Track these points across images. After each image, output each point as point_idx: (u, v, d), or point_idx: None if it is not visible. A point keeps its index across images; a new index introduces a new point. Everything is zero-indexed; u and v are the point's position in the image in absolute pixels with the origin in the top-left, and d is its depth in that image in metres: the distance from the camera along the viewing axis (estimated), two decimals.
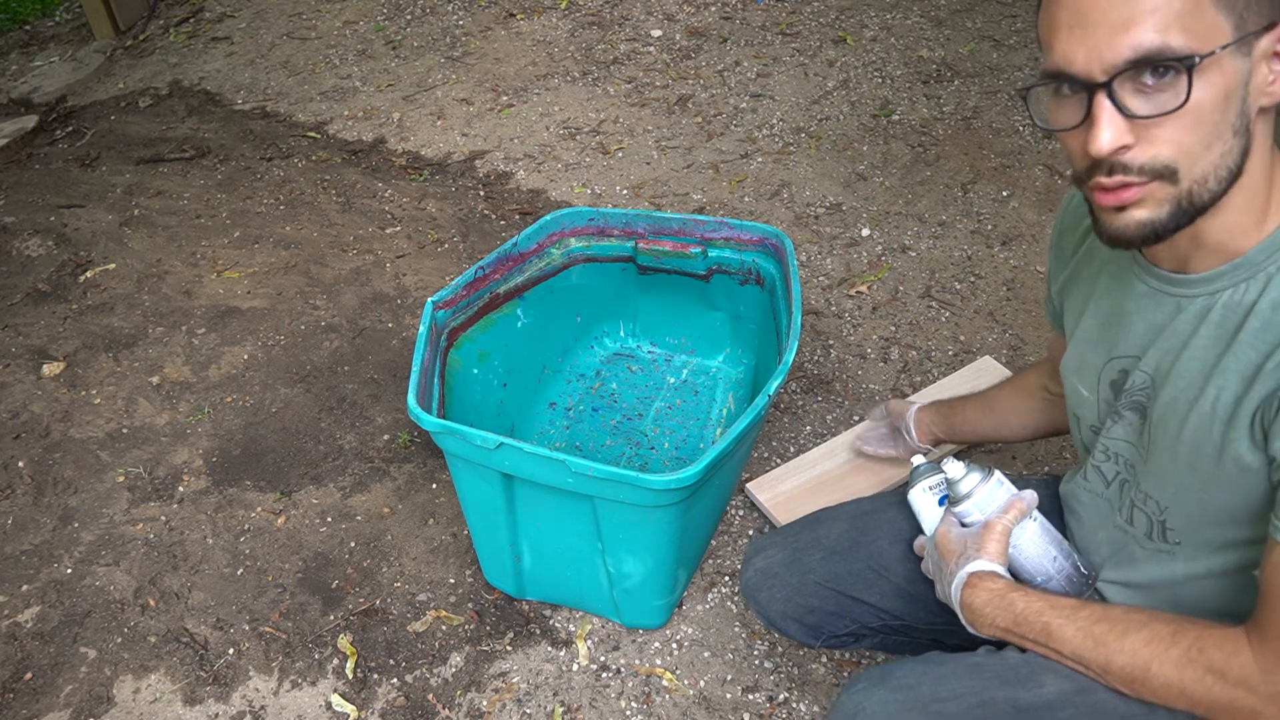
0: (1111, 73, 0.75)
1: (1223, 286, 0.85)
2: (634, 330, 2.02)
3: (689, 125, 2.90)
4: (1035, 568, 1.06)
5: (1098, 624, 0.91)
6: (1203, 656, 0.84)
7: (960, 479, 1.08)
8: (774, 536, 1.33)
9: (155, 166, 2.93)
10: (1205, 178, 0.78)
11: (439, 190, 2.73)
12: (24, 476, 1.95)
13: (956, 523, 1.10)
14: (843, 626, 1.25)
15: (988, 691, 0.96)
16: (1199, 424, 0.86)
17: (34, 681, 1.58)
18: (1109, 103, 0.76)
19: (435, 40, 3.49)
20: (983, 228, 2.41)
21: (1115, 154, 0.78)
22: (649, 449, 1.84)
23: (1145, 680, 0.87)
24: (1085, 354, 1.03)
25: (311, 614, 1.65)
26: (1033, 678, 0.95)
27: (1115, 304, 0.98)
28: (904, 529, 1.23)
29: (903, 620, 1.23)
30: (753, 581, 1.30)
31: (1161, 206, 0.80)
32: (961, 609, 1.02)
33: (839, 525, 1.28)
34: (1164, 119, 0.76)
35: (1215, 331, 0.86)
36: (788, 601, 1.26)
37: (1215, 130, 0.77)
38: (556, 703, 1.50)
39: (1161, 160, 0.77)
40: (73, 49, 3.82)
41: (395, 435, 1.97)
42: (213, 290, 2.41)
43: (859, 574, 1.23)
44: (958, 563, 1.04)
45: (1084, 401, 1.04)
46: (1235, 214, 0.82)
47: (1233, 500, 0.87)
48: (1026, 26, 3.23)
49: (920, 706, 0.95)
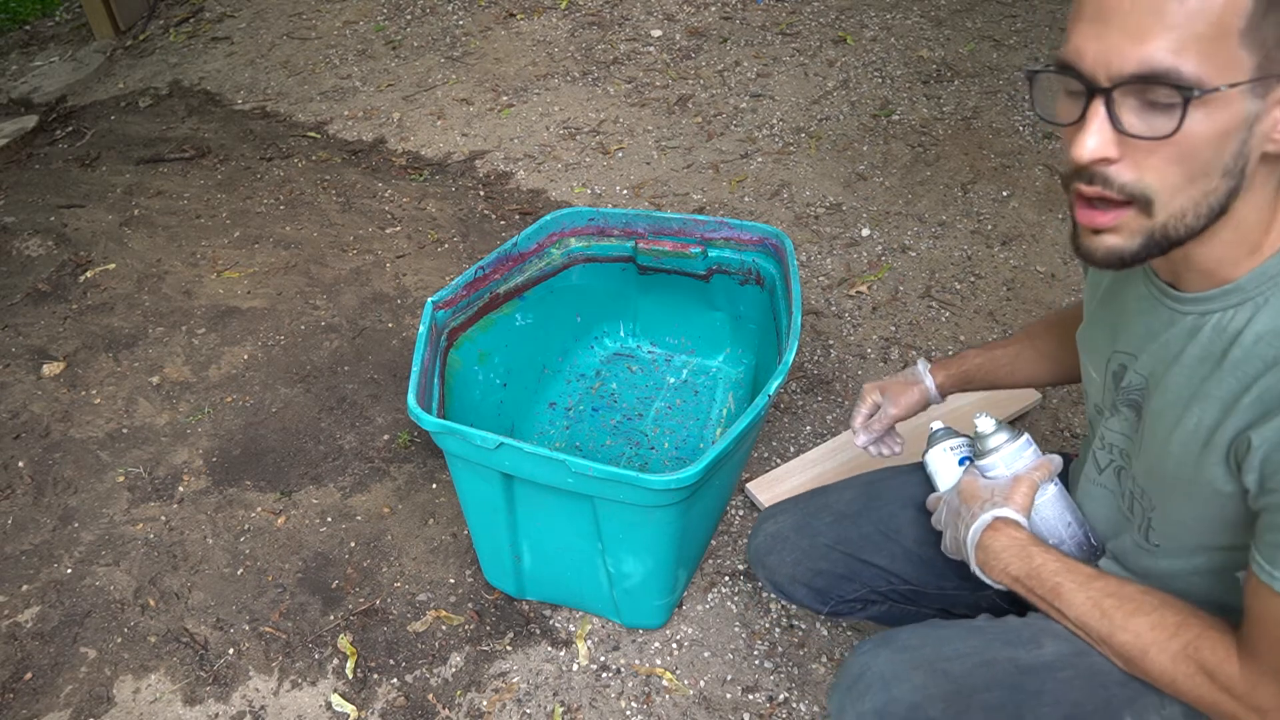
0: (1115, 81, 0.72)
1: (1213, 309, 0.85)
2: (634, 330, 2.02)
3: (689, 125, 2.90)
4: (1049, 530, 1.08)
5: (1109, 597, 0.93)
6: (1198, 655, 0.86)
7: (991, 433, 1.11)
8: (783, 504, 1.34)
9: (155, 166, 2.93)
10: (1183, 213, 0.76)
11: (439, 190, 2.73)
12: (24, 476, 1.95)
13: (980, 475, 1.11)
14: (851, 591, 1.25)
15: (989, 651, 0.98)
16: (1182, 440, 0.87)
17: (34, 681, 1.58)
18: (1104, 111, 0.73)
19: (435, 40, 3.49)
20: (983, 228, 2.41)
21: (1096, 164, 0.75)
22: (649, 449, 1.84)
23: (1141, 663, 0.90)
24: (1096, 336, 1.04)
25: (311, 614, 1.65)
26: (1033, 640, 0.98)
27: (1120, 299, 0.99)
28: (915, 493, 1.24)
29: (911, 584, 1.23)
30: (762, 546, 1.30)
31: (1134, 238, 0.78)
32: (977, 549, 1.03)
33: (849, 491, 1.29)
34: (1152, 145, 0.73)
35: (1202, 353, 0.85)
36: (796, 565, 1.26)
37: (1203, 168, 0.74)
38: (556, 703, 1.50)
39: (1142, 185, 0.75)
40: (73, 49, 3.82)
41: (395, 435, 1.97)
42: (213, 290, 2.41)
43: (869, 537, 1.23)
44: (982, 506, 1.05)
45: (1092, 381, 1.05)
46: (1224, 247, 0.81)
47: (1209, 514, 0.88)
48: (1026, 26, 3.23)
49: (925, 665, 0.97)
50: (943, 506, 1.15)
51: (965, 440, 1.19)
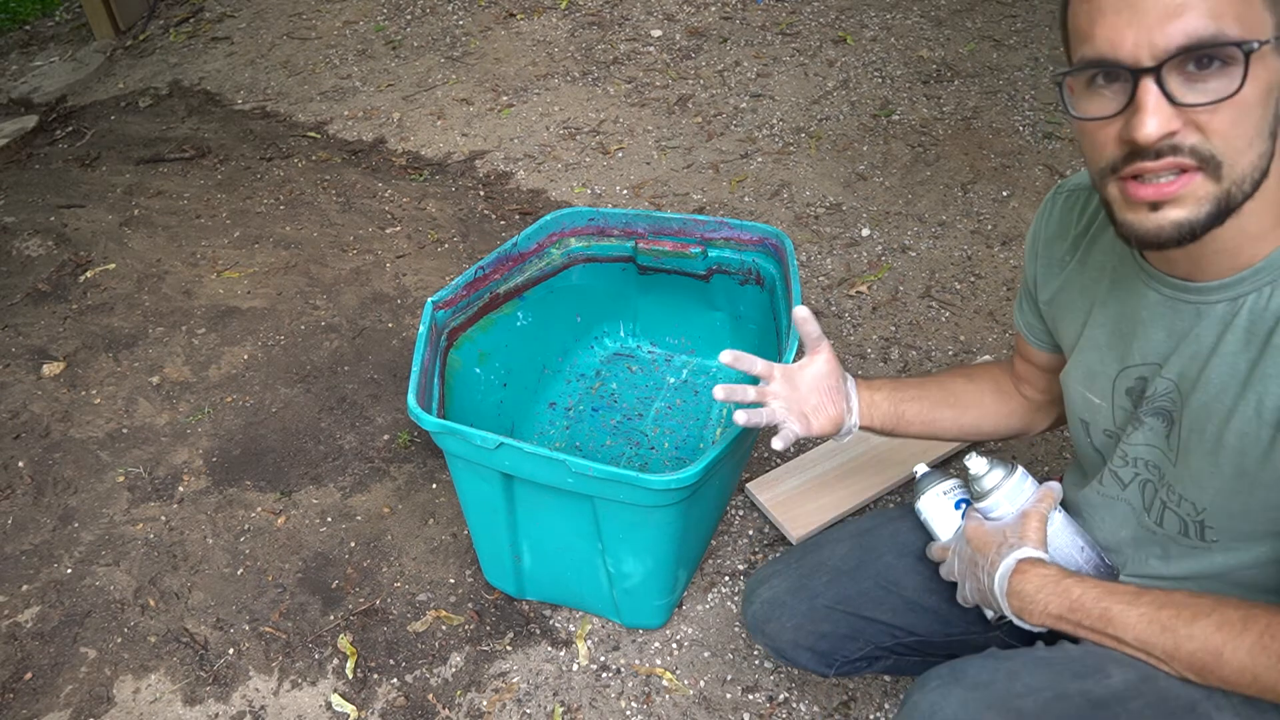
0: (1162, 58, 0.73)
1: (1244, 292, 0.84)
2: (634, 330, 2.02)
3: (689, 125, 2.90)
4: (1064, 558, 1.05)
5: (1163, 609, 0.89)
6: (1275, 643, 0.83)
7: (985, 474, 1.07)
8: (775, 565, 1.29)
9: (155, 166, 2.93)
10: (1244, 179, 0.77)
11: (439, 190, 2.73)
12: (24, 476, 1.95)
13: (983, 518, 1.08)
14: (855, 650, 1.22)
15: (1060, 685, 0.93)
16: (1242, 429, 0.85)
17: (34, 681, 1.58)
18: (1156, 89, 0.74)
19: (435, 40, 3.49)
20: (983, 228, 2.41)
21: (1162, 140, 0.75)
22: (649, 449, 1.84)
23: (1217, 667, 0.86)
24: (1093, 363, 1.01)
25: (311, 614, 1.65)
26: (1099, 669, 0.93)
27: (1124, 313, 0.97)
28: (909, 541, 1.21)
29: (916, 635, 1.20)
30: (759, 614, 1.25)
31: (1201, 206, 0.77)
32: (1009, 597, 0.99)
33: (842, 546, 1.25)
34: (1213, 109, 0.74)
35: (1244, 338, 0.84)
36: (798, 630, 1.22)
37: (1258, 127, 0.76)
38: (556, 703, 1.50)
39: (1210, 147, 0.75)
40: (73, 49, 3.82)
41: (395, 435, 1.97)
42: (213, 290, 2.41)
43: (868, 592, 1.20)
44: (999, 552, 1.02)
45: (1096, 409, 1.03)
46: (1250, 219, 0.81)
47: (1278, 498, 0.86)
48: (1026, 26, 3.23)
49: (1000, 704, 0.93)
50: (953, 557, 1.11)
51: (957, 482, 1.15)
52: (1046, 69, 2.99)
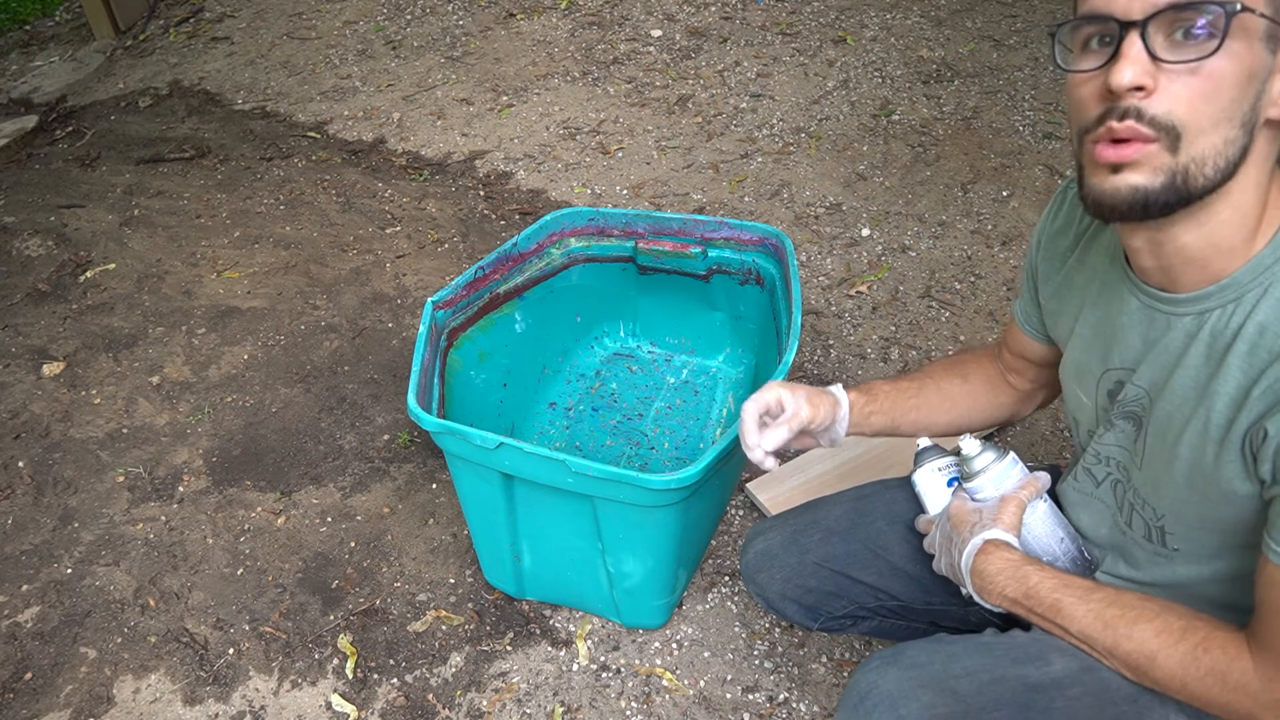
0: (1150, 11, 0.75)
1: (1210, 307, 0.85)
2: (634, 330, 2.02)
3: (689, 125, 2.90)
4: (1042, 548, 1.07)
5: (1110, 607, 0.92)
6: (1207, 657, 0.85)
7: (976, 455, 1.10)
8: (773, 520, 1.34)
9: (155, 166, 2.93)
10: (1204, 159, 0.78)
11: (439, 190, 2.73)
12: (24, 476, 1.95)
13: (969, 498, 1.11)
14: (840, 607, 1.26)
15: (999, 669, 0.97)
16: (1193, 442, 0.87)
17: (34, 681, 1.58)
18: (1139, 41, 0.76)
19: (435, 40, 3.49)
20: (983, 228, 2.41)
21: (1131, 94, 0.77)
22: (649, 449, 1.84)
23: (1149, 670, 0.89)
24: (1082, 361, 1.03)
25: (311, 614, 1.65)
26: (1041, 656, 0.97)
27: (1107, 316, 0.98)
28: (903, 510, 1.24)
29: (898, 599, 1.24)
30: (752, 563, 1.31)
31: (1156, 175, 0.79)
32: (971, 574, 1.02)
33: (839, 507, 1.29)
34: (1185, 75, 0.76)
35: (1205, 352, 0.86)
36: (786, 582, 1.26)
37: (1227, 110, 0.76)
38: (556, 703, 1.50)
39: (1172, 118, 0.77)
40: (73, 49, 3.82)
41: (395, 435, 1.97)
42: (213, 290, 2.41)
43: (857, 554, 1.24)
44: (972, 530, 1.05)
45: (1083, 407, 1.05)
46: (1223, 228, 0.82)
47: (1229, 514, 0.88)
48: (1026, 26, 3.23)
49: (933, 683, 0.96)
50: (935, 531, 1.14)
51: (953, 460, 1.18)
52: (1046, 69, 2.99)
